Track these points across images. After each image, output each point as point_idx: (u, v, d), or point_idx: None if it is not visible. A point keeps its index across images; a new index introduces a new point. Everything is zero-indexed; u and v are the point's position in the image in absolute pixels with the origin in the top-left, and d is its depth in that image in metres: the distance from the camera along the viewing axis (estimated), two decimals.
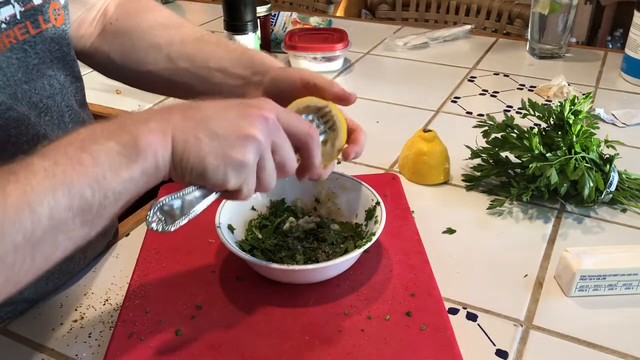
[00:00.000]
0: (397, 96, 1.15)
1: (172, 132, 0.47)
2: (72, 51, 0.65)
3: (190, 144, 0.47)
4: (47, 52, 0.61)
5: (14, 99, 0.56)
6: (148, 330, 0.60)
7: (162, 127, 0.47)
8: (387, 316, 0.61)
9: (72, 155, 0.43)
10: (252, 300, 0.63)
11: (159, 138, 0.46)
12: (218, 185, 0.49)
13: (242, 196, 0.51)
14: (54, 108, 0.62)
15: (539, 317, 0.63)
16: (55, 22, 0.61)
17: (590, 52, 1.37)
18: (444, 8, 1.75)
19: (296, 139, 0.53)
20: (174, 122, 0.47)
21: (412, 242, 0.72)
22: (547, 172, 0.76)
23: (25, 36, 0.57)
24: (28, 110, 0.58)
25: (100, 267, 0.71)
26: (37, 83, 0.60)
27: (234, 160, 0.48)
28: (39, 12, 0.58)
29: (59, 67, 0.63)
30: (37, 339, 0.61)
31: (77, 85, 0.68)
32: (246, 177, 0.49)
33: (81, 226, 0.43)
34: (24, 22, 0.57)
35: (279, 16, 1.40)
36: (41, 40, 0.59)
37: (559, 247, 0.72)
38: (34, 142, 0.58)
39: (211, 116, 0.49)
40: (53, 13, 0.60)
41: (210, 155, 0.47)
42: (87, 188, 0.42)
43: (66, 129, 0.65)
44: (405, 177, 0.88)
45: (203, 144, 0.47)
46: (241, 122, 0.48)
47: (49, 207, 0.41)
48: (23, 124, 0.57)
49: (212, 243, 0.72)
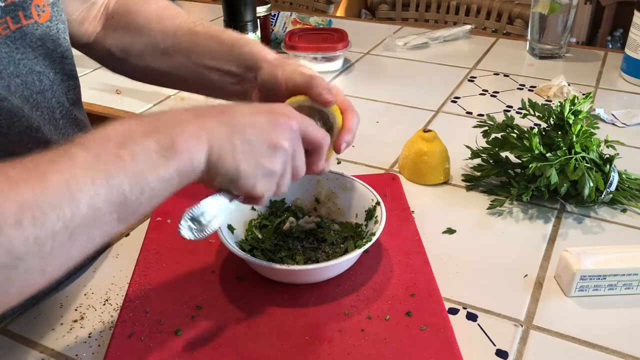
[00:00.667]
0: (397, 96, 1.15)
1: (207, 136, 0.48)
2: (61, 48, 0.65)
3: (226, 149, 0.48)
4: (29, 49, 0.61)
5: (7, 91, 0.57)
6: (148, 330, 0.60)
7: (198, 131, 0.48)
8: (387, 316, 0.61)
9: (111, 150, 0.43)
10: (252, 300, 0.63)
11: (196, 140, 0.47)
12: (247, 191, 0.51)
13: (262, 201, 0.54)
14: (44, 104, 0.63)
15: (539, 317, 0.63)
16: (38, 18, 0.61)
17: (590, 52, 1.37)
18: (444, 8, 1.75)
19: (310, 144, 0.56)
20: (209, 126, 0.49)
21: (412, 242, 0.72)
22: (547, 172, 0.76)
23: (6, 31, 0.57)
24: (21, 103, 0.59)
25: (100, 267, 0.71)
26: (27, 78, 0.60)
27: (265, 169, 0.51)
28: (19, 8, 0.58)
29: (47, 64, 0.63)
30: (37, 339, 0.61)
31: (69, 84, 0.68)
32: (271, 184, 0.52)
33: (116, 221, 0.44)
34: (4, 17, 0.57)
35: (279, 16, 1.40)
36: (21, 35, 0.59)
37: (559, 247, 0.72)
38: (26, 134, 0.59)
39: (244, 123, 0.50)
40: (36, 9, 0.61)
41: (244, 162, 0.49)
42: (126, 182, 0.43)
43: (57, 125, 0.65)
44: (405, 177, 0.88)
45: (238, 151, 0.49)
46: (272, 131, 0.51)
47: (89, 196, 0.41)
48: (16, 115, 0.57)
49: (212, 243, 0.72)
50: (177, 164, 0.46)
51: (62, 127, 0.66)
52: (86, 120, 0.73)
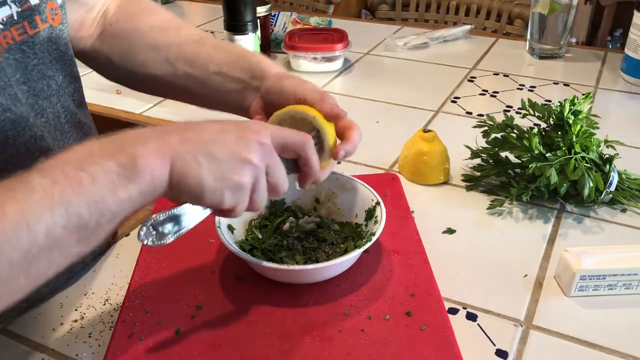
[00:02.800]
0: (397, 96, 1.15)
1: (170, 154, 0.47)
2: (70, 50, 0.65)
3: (189, 166, 0.48)
4: (46, 53, 0.61)
5: (13, 100, 0.56)
6: (148, 330, 0.60)
7: (160, 148, 0.47)
8: (387, 316, 0.61)
9: (70, 174, 0.43)
10: (252, 300, 0.63)
11: (158, 159, 0.46)
12: (214, 205, 0.51)
13: (234, 214, 0.52)
14: (49, 109, 0.62)
15: (539, 317, 0.63)
16: (52, 21, 0.61)
17: (590, 52, 1.37)
18: (444, 8, 1.75)
19: (293, 150, 0.55)
20: (172, 143, 0.48)
21: (412, 242, 0.72)
22: (547, 172, 0.76)
23: (23, 37, 0.57)
24: (27, 112, 0.58)
25: (100, 267, 0.71)
26: (36, 84, 0.60)
27: (232, 183, 0.49)
28: (36, 12, 0.58)
29: (58, 68, 0.63)
30: (37, 339, 0.61)
31: (75, 86, 0.68)
32: (240, 197, 0.51)
33: (77, 244, 0.44)
34: (21, 22, 0.57)
35: (279, 16, 1.40)
36: (39, 40, 0.59)
37: (559, 247, 0.72)
38: (32, 144, 0.58)
39: (209, 139, 0.49)
40: (50, 13, 0.60)
41: (209, 177, 0.48)
42: (85, 207, 0.43)
43: (63, 130, 0.65)
44: (405, 177, 0.88)
45: (202, 167, 0.48)
46: (239, 146, 0.50)
47: (46, 225, 0.41)
48: (20, 125, 0.57)
49: (212, 243, 0.72)
50: (138, 185, 0.45)
51: (68, 131, 0.66)
52: (91, 124, 0.72)
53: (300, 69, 1.27)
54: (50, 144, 0.61)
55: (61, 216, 0.42)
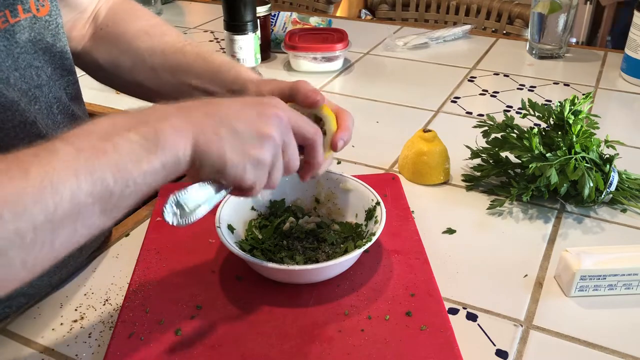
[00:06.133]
0: (397, 96, 1.15)
1: (193, 128, 0.48)
2: (60, 43, 0.65)
3: (212, 140, 0.48)
4: (29, 42, 0.61)
5: (5, 84, 0.57)
6: (148, 330, 0.60)
7: (183, 123, 0.48)
8: (387, 316, 0.61)
9: (95, 144, 0.43)
10: (252, 300, 0.63)
11: (181, 133, 0.47)
12: (235, 181, 0.51)
13: (253, 192, 0.53)
14: (42, 98, 0.63)
15: (539, 317, 0.63)
16: (36, 12, 0.61)
17: (590, 52, 1.37)
18: (444, 8, 1.75)
19: (303, 138, 0.55)
20: (195, 118, 0.49)
21: (412, 242, 0.72)
22: (547, 172, 0.76)
23: (5, 25, 0.57)
24: (19, 97, 0.59)
25: (100, 267, 0.71)
26: (25, 72, 0.60)
27: (253, 158, 0.50)
28: (18, 1, 0.58)
29: (46, 59, 0.63)
30: (37, 338, 0.61)
31: (68, 79, 0.68)
32: (261, 173, 0.52)
33: (100, 214, 0.43)
34: (3, 10, 0.57)
35: (279, 16, 1.40)
36: (20, 29, 0.59)
37: (559, 247, 0.72)
38: (21, 128, 0.59)
39: (231, 114, 0.50)
40: (35, 3, 0.61)
41: (231, 151, 0.49)
42: (110, 175, 0.43)
43: (55, 120, 0.65)
44: (405, 177, 0.88)
45: (224, 141, 0.49)
46: (260, 121, 0.51)
47: (71, 190, 0.41)
48: (10, 109, 0.57)
49: (212, 243, 0.72)
50: (161, 157, 0.45)
51: (60, 121, 0.66)
52: (85, 117, 0.73)
53: (300, 69, 1.27)
54: (42, 131, 0.61)
55: (86, 182, 0.41)
